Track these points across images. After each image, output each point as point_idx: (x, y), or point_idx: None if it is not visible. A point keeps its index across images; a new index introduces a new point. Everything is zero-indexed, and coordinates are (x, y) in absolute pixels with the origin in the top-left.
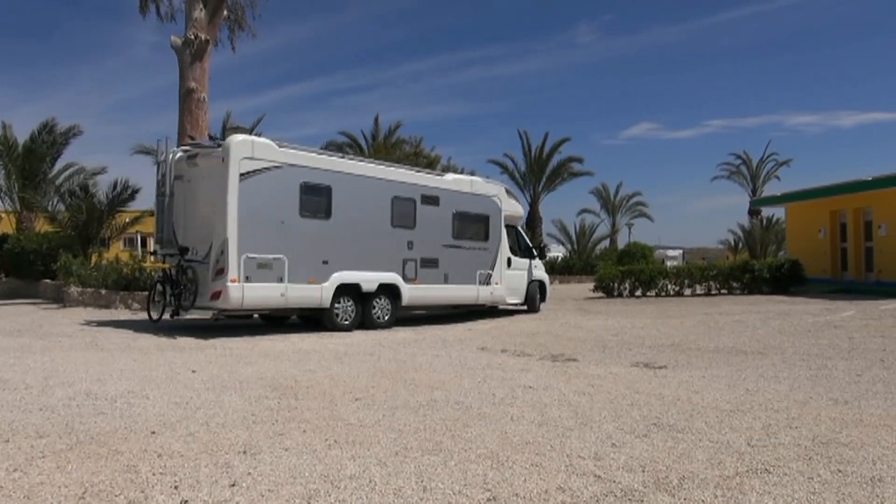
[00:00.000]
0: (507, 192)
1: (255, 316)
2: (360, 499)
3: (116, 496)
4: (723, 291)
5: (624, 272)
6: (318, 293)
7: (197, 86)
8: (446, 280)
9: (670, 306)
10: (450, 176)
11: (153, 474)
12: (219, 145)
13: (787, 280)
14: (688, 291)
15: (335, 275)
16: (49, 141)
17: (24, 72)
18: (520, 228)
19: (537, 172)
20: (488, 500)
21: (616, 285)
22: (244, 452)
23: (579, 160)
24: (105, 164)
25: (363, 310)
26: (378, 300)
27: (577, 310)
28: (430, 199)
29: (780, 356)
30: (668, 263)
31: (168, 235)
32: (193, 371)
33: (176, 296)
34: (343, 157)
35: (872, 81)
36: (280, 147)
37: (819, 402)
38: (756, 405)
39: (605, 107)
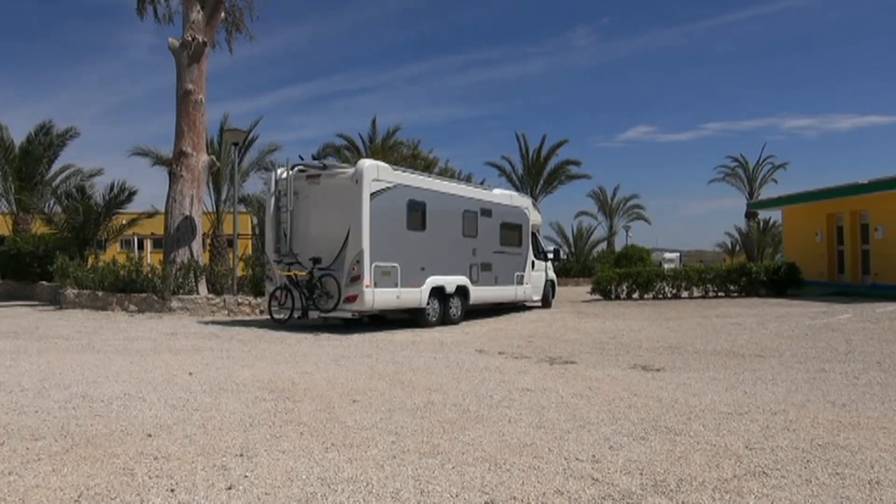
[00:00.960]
0: (533, 203)
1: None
2: (357, 502)
3: (112, 499)
4: (720, 294)
5: (621, 275)
6: (419, 295)
7: (194, 87)
8: (496, 282)
9: (668, 309)
10: (497, 191)
11: (149, 477)
12: (324, 166)
13: (783, 283)
14: (685, 294)
15: (429, 279)
16: (46, 143)
17: (21, 73)
18: (537, 234)
19: (535, 175)
20: (486, 503)
21: (613, 288)
22: (241, 455)
23: (577, 163)
24: (102, 166)
25: (443, 308)
26: (453, 299)
27: (574, 312)
28: (486, 212)
29: (777, 359)
30: (666, 266)
31: (287, 247)
32: (190, 373)
33: (314, 300)
34: (432, 177)
35: (869, 85)
36: (394, 170)
37: (817, 405)
38: (754, 408)
39: (602, 110)
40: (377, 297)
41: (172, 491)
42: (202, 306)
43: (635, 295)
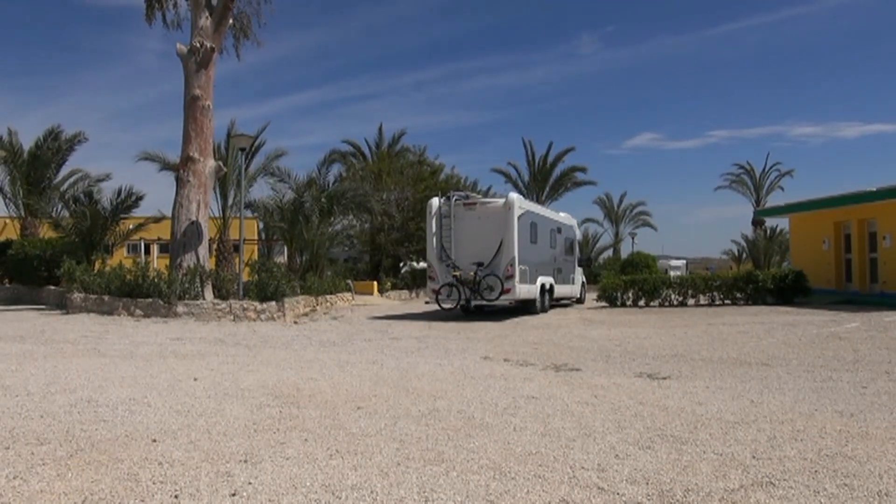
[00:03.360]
0: (577, 222)
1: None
2: None
3: None
4: (726, 302)
5: (627, 282)
6: (536, 291)
7: (202, 93)
8: (563, 282)
9: (674, 316)
10: (562, 213)
11: (153, 483)
12: (467, 196)
13: (791, 291)
14: (691, 301)
15: (539, 278)
16: (54, 147)
17: (30, 78)
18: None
19: (541, 181)
20: None
21: (619, 295)
22: (245, 461)
23: (583, 169)
24: (109, 171)
25: (542, 300)
26: (546, 294)
27: (580, 319)
28: (559, 230)
29: (784, 367)
30: (672, 273)
31: (448, 255)
32: (195, 379)
33: (479, 293)
34: (538, 206)
35: (875, 93)
36: (525, 200)
37: (824, 415)
38: (761, 417)
39: (608, 117)
40: (521, 290)
41: (176, 497)
42: (208, 311)
43: (641, 302)
